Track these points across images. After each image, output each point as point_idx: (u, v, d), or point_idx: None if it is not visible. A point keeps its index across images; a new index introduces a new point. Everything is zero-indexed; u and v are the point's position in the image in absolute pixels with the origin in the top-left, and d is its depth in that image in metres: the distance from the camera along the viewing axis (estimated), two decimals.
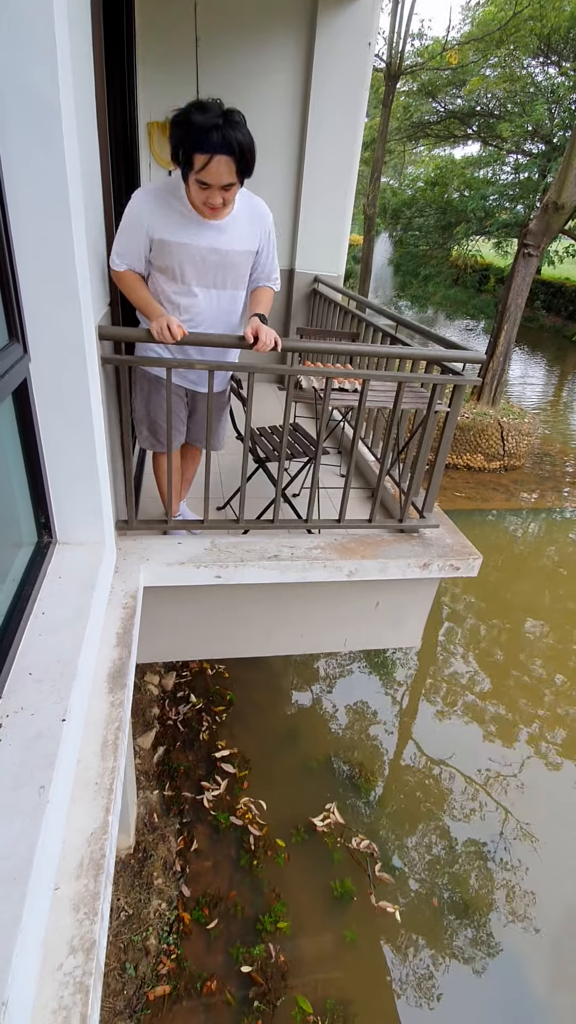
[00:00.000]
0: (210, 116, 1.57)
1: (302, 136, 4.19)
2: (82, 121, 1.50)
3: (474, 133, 15.06)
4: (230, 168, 1.64)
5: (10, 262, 1.32)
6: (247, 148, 1.64)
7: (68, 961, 1.02)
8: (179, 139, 1.63)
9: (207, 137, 1.58)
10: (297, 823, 3.39)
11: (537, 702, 4.56)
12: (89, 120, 1.78)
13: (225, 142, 1.59)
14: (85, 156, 1.57)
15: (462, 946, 3.02)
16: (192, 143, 1.60)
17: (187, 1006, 2.60)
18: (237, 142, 1.60)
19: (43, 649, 1.33)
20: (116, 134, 2.89)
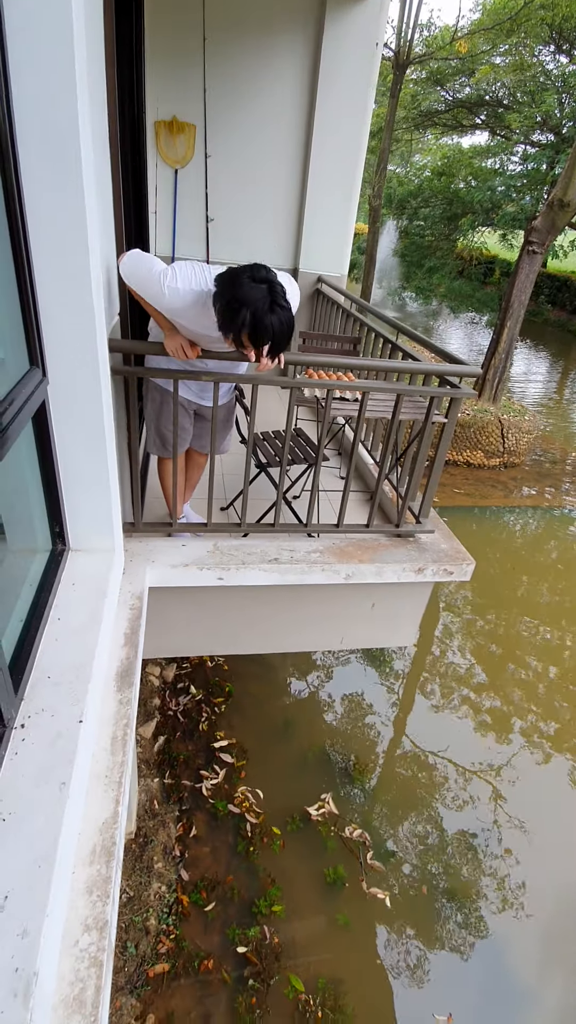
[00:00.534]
0: (261, 304, 1.57)
1: (307, 137, 4.21)
2: (96, 128, 1.55)
3: (482, 123, 14.90)
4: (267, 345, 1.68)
5: (31, 286, 1.39)
6: (287, 335, 1.67)
7: (83, 938, 1.12)
8: (225, 319, 1.63)
9: (257, 334, 1.61)
10: (293, 812, 3.53)
11: (531, 696, 4.68)
12: (101, 125, 1.84)
13: (269, 333, 1.62)
14: (99, 164, 1.64)
15: (451, 930, 3.16)
16: (237, 329, 1.62)
17: (185, 983, 2.74)
18: (281, 333, 1.64)
19: (60, 653, 1.42)
20: (124, 134, 2.94)
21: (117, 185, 2.18)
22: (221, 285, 1.65)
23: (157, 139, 4.13)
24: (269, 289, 1.60)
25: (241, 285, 1.59)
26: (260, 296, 1.58)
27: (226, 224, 4.42)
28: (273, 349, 1.68)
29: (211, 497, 2.32)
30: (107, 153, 1.94)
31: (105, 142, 1.92)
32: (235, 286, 1.60)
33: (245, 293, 1.58)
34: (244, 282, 1.59)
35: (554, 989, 2.99)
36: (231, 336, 1.65)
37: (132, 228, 3.13)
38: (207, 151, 4.22)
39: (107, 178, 1.95)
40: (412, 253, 16.23)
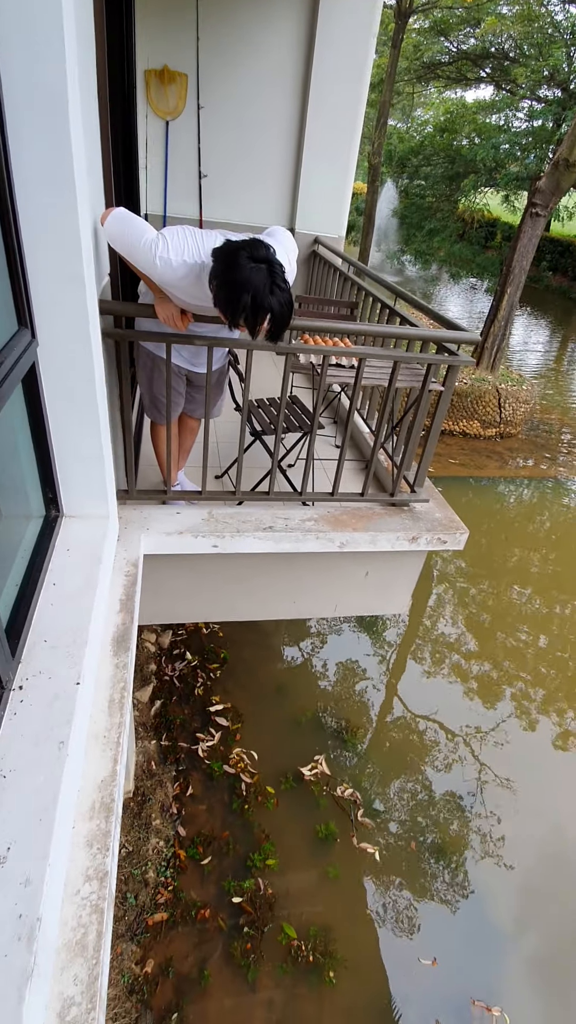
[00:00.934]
0: (261, 288, 1.51)
1: (305, 89, 4.03)
2: (83, 72, 1.48)
3: (487, 76, 14.28)
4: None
5: (17, 243, 1.34)
6: (287, 318, 1.60)
7: (85, 888, 1.17)
8: (223, 301, 1.56)
9: (256, 319, 1.54)
10: (286, 772, 3.64)
11: (520, 662, 4.79)
12: (89, 73, 1.75)
13: (268, 317, 1.56)
14: (87, 116, 1.56)
15: (436, 882, 3.31)
16: (234, 312, 1.55)
17: (183, 931, 2.88)
18: (281, 315, 1.57)
19: (56, 617, 1.44)
20: (113, 84, 2.80)
21: (106, 138, 2.09)
22: (219, 264, 1.56)
23: (147, 89, 3.94)
24: (269, 270, 1.53)
25: (240, 267, 1.51)
26: (260, 279, 1.51)
27: (220, 181, 4.26)
28: (272, 333, 1.62)
29: (206, 465, 2.30)
30: (95, 104, 1.85)
31: (93, 92, 1.82)
32: (234, 267, 1.52)
33: (245, 276, 1.50)
34: (243, 263, 1.52)
35: (531, 932, 3.15)
36: (228, 317, 1.59)
37: (122, 184, 3.01)
38: (199, 102, 4.03)
39: (95, 130, 1.86)
40: (412, 215, 15.75)
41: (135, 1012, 2.60)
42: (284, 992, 2.74)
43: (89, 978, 1.05)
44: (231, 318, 1.56)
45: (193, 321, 1.90)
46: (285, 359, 2.23)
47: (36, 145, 1.26)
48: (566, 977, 3.00)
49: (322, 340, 2.53)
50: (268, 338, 1.64)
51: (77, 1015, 1.02)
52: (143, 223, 1.68)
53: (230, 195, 4.32)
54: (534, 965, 3.03)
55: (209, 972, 2.75)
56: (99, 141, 1.92)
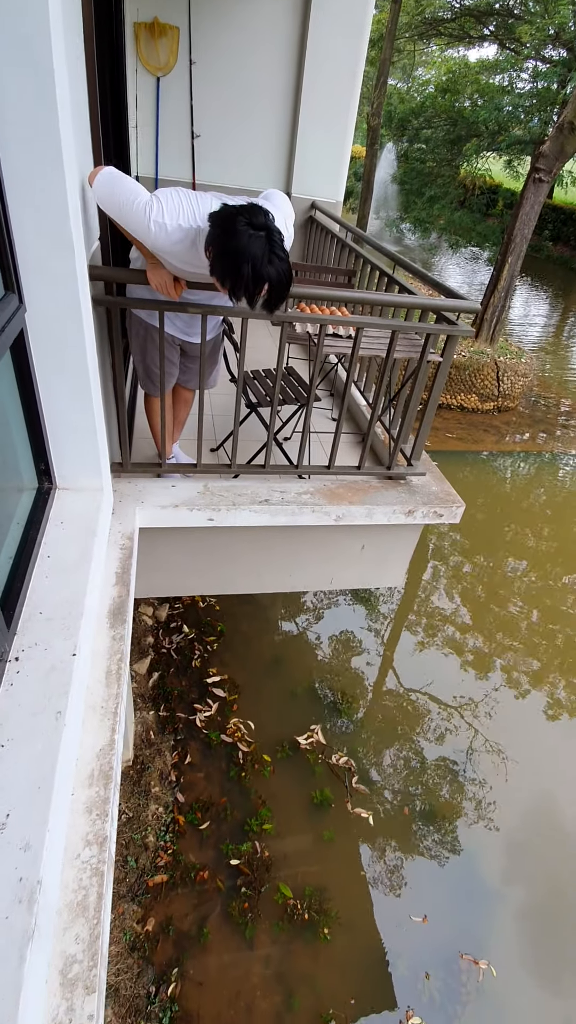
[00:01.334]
0: (260, 257, 1.45)
1: (302, 45, 3.85)
2: (68, 24, 1.40)
3: (491, 34, 13.70)
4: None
5: (3, 206, 1.29)
6: (285, 288, 1.54)
7: (85, 852, 1.19)
8: (221, 269, 1.50)
9: (254, 289, 1.49)
10: (283, 741, 3.71)
11: (513, 635, 4.86)
12: (74, 22, 1.65)
13: (265, 286, 1.50)
14: (73, 71, 1.48)
15: (428, 844, 3.42)
16: (233, 282, 1.49)
17: (182, 892, 2.97)
18: (279, 285, 1.52)
19: (51, 589, 1.43)
20: (100, 36, 2.67)
21: (93, 94, 1.99)
22: (216, 230, 1.50)
23: (137, 43, 3.76)
24: (268, 238, 1.48)
25: (239, 234, 1.46)
26: (259, 248, 1.46)
27: (213, 142, 4.11)
28: (268, 304, 1.57)
29: (201, 438, 2.27)
30: (81, 57, 1.76)
31: (79, 44, 1.73)
32: (232, 235, 1.46)
33: (244, 244, 1.45)
34: (242, 229, 1.46)
35: (517, 890, 3.28)
36: (226, 287, 1.53)
37: (111, 144, 2.89)
38: (191, 58, 3.85)
39: (82, 85, 1.78)
40: (412, 180, 15.30)
41: (137, 967, 2.70)
42: (280, 948, 2.84)
43: (90, 937, 1.08)
44: (230, 288, 1.52)
45: (187, 288, 1.84)
46: (281, 328, 2.18)
47: (18, 97, 1.20)
48: (548, 931, 3.12)
49: (319, 309, 2.47)
50: (264, 308, 1.59)
51: (79, 972, 1.05)
52: (135, 184, 1.61)
53: (224, 157, 4.17)
54: (519, 921, 3.16)
55: (208, 930, 2.85)
56: (86, 97, 1.83)
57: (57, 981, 1.03)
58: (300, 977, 2.77)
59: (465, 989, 2.86)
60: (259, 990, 2.71)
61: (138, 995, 2.62)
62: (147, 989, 2.65)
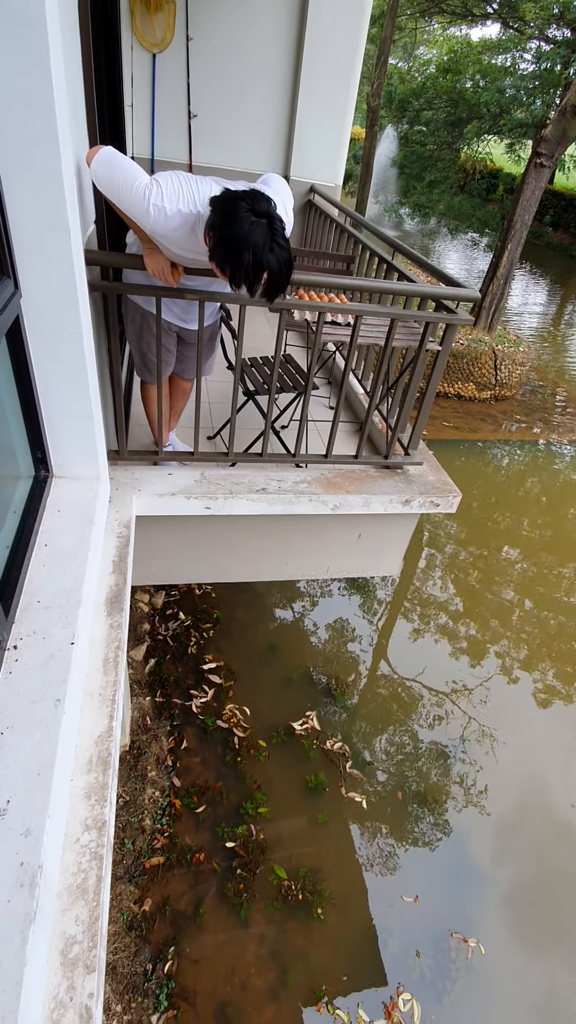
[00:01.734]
0: (262, 245, 1.43)
1: (302, 20, 3.76)
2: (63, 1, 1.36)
3: (494, 12, 13.41)
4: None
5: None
6: (286, 277, 1.52)
7: (84, 836, 1.21)
8: (221, 255, 1.48)
9: (255, 276, 1.47)
10: (278, 727, 3.75)
11: (506, 623, 4.91)
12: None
13: (265, 274, 1.49)
14: (67, 46, 1.44)
15: (420, 827, 3.48)
16: (233, 269, 1.47)
17: (178, 873, 3.02)
18: (279, 274, 1.50)
19: (49, 578, 1.43)
20: (95, 9, 2.60)
21: (88, 69, 1.94)
22: (217, 215, 1.48)
23: (132, 17, 3.66)
24: (269, 225, 1.46)
25: (240, 220, 1.43)
26: (261, 235, 1.44)
27: (210, 122, 4.03)
28: (268, 292, 1.56)
29: (198, 426, 2.26)
30: (76, 31, 1.71)
31: (74, 18, 1.69)
32: (234, 221, 1.44)
33: (245, 231, 1.43)
34: (243, 215, 1.44)
35: (506, 871, 3.35)
36: (226, 273, 1.51)
37: (106, 122, 2.83)
38: (188, 34, 3.76)
39: (77, 62, 1.73)
40: (412, 164, 15.07)
41: (134, 946, 2.75)
42: (275, 928, 2.91)
43: (90, 919, 1.10)
44: (229, 275, 1.50)
45: (184, 275, 1.82)
46: (279, 316, 2.16)
47: (11, 72, 1.17)
48: (535, 910, 3.20)
49: (317, 296, 2.45)
50: (264, 296, 1.58)
51: (79, 952, 1.07)
52: (134, 166, 1.58)
53: (221, 137, 4.09)
54: (508, 900, 3.23)
55: (204, 910, 2.90)
56: (80, 73, 1.79)
57: (58, 961, 1.05)
58: (294, 955, 2.84)
59: (455, 966, 2.93)
60: (254, 967, 2.77)
61: (135, 973, 2.68)
62: (144, 967, 2.70)
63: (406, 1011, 2.76)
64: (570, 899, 3.26)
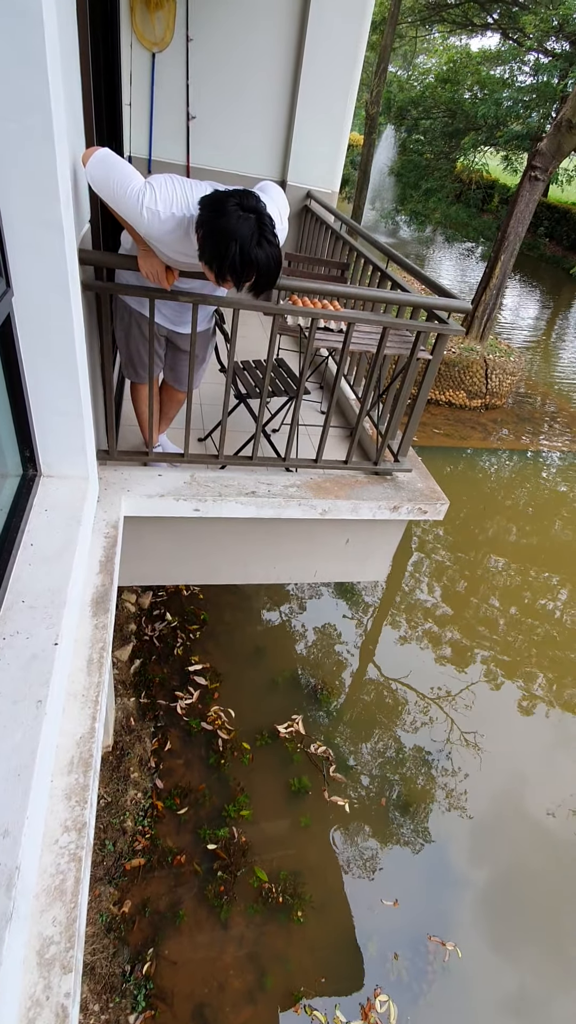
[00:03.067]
0: (248, 238, 1.44)
1: (302, 22, 3.78)
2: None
3: (494, 22, 13.57)
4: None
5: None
6: (274, 273, 1.53)
7: (63, 838, 1.21)
8: (208, 250, 1.49)
9: (242, 271, 1.48)
10: (262, 729, 3.75)
11: (492, 629, 4.95)
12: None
13: (254, 270, 1.50)
14: (65, 42, 1.44)
15: (401, 831, 3.50)
16: (220, 263, 1.48)
17: (159, 875, 3.01)
18: (267, 270, 1.51)
19: (34, 578, 1.43)
20: (94, 6, 2.59)
21: (86, 65, 1.94)
22: (205, 211, 1.48)
23: (132, 15, 3.66)
24: (258, 221, 1.46)
25: (228, 214, 1.44)
26: (248, 229, 1.44)
27: (208, 124, 4.03)
28: (256, 287, 1.56)
29: (188, 427, 2.26)
30: (74, 24, 1.71)
31: (72, 15, 1.69)
32: (222, 215, 1.45)
33: (232, 225, 1.43)
34: (231, 211, 1.44)
35: (484, 875, 3.38)
36: (213, 269, 1.52)
37: (104, 121, 2.83)
38: (189, 34, 3.77)
39: (74, 56, 1.73)
40: (409, 172, 15.20)
41: (113, 947, 2.74)
42: (254, 930, 2.91)
43: (67, 920, 1.10)
44: (217, 269, 1.50)
45: (178, 278, 1.83)
46: (272, 320, 2.17)
47: (6, 67, 1.16)
48: (513, 914, 3.23)
49: (311, 302, 2.46)
50: (252, 291, 1.59)
51: (56, 953, 1.07)
52: (130, 168, 1.58)
53: (219, 140, 4.10)
54: (485, 904, 3.26)
55: (184, 912, 2.90)
56: (78, 70, 1.79)
57: (35, 961, 1.05)
58: (273, 957, 2.84)
59: (432, 968, 2.95)
60: (232, 969, 2.77)
61: (113, 973, 2.67)
62: (123, 968, 2.69)
63: (383, 1012, 2.77)
64: (545, 903, 3.30)
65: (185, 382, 2.31)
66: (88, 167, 1.57)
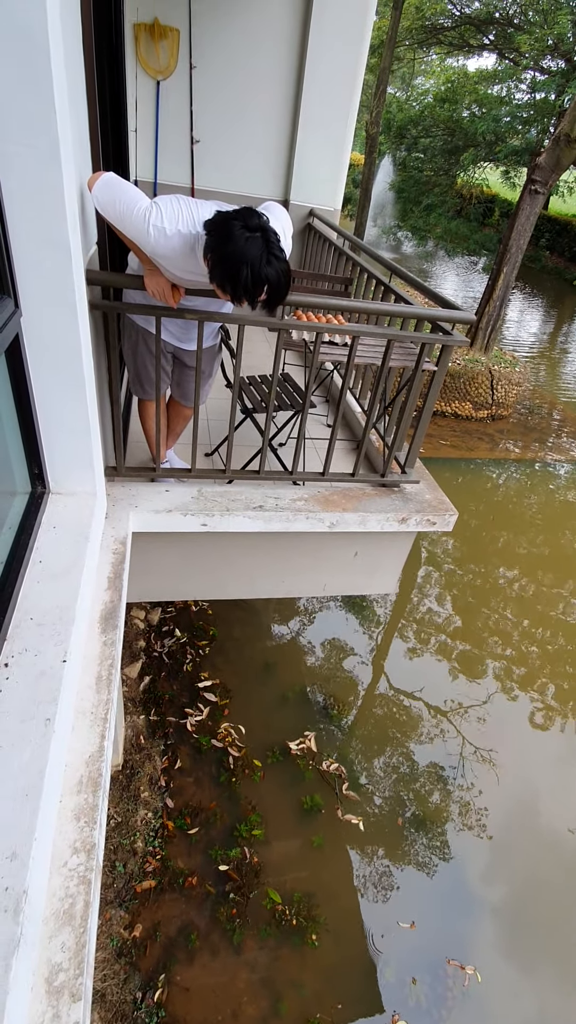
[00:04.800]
0: (258, 259, 1.46)
1: (302, 50, 3.88)
2: (67, 23, 1.39)
3: (490, 43, 13.84)
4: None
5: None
6: (285, 288, 1.55)
7: (72, 860, 1.19)
8: (220, 275, 1.51)
9: (254, 290, 1.50)
10: (273, 746, 3.70)
11: (505, 641, 4.88)
12: (73, 20, 1.65)
13: (264, 288, 1.51)
14: (71, 72, 1.48)
15: (417, 851, 3.42)
16: (234, 286, 1.50)
17: (170, 897, 2.95)
18: (278, 286, 1.53)
19: (42, 595, 1.42)
20: (100, 36, 2.67)
21: (92, 96, 1.99)
22: (212, 238, 1.51)
23: (137, 45, 3.77)
24: (264, 239, 1.49)
25: (235, 238, 1.46)
26: (256, 250, 1.47)
27: (212, 148, 4.12)
28: (269, 303, 1.58)
29: (195, 443, 2.27)
30: (80, 56, 1.76)
31: (77, 42, 1.73)
32: (228, 239, 1.47)
33: (241, 248, 1.46)
34: (237, 234, 1.46)
35: (504, 897, 3.29)
36: (227, 291, 1.54)
37: (110, 147, 2.90)
38: (192, 62, 3.87)
39: (81, 87, 1.78)
40: (409, 189, 15.43)
41: (123, 973, 2.68)
42: (268, 954, 2.84)
43: (76, 945, 1.08)
44: (231, 293, 1.52)
45: (184, 296, 1.85)
46: (277, 336, 2.19)
47: (15, 95, 1.19)
48: (534, 938, 3.13)
49: (315, 317, 2.48)
50: (265, 308, 1.60)
51: (65, 980, 1.04)
52: (135, 190, 1.62)
53: (223, 162, 4.18)
54: (506, 927, 3.16)
55: (195, 936, 2.83)
56: (85, 98, 1.83)
57: (43, 989, 1.02)
58: (287, 983, 2.76)
59: (451, 994, 2.86)
60: (246, 995, 2.70)
61: (124, 1001, 2.60)
62: (134, 995, 2.63)
63: None
64: (569, 925, 3.19)
65: (191, 398, 2.32)
66: (94, 191, 1.60)
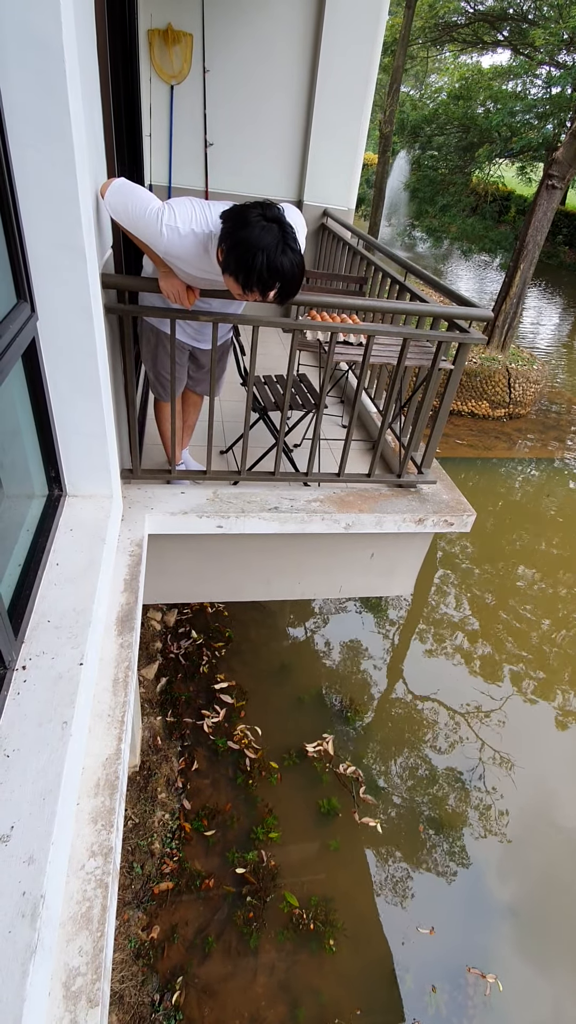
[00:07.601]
0: (273, 247, 1.46)
1: (315, 52, 3.87)
2: (81, 29, 1.40)
3: (504, 39, 13.69)
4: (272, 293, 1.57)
5: (14, 210, 1.30)
6: (298, 280, 1.55)
7: (89, 863, 1.19)
8: (234, 261, 1.50)
9: (268, 280, 1.50)
10: (290, 748, 3.68)
11: (523, 644, 4.80)
12: (87, 28, 1.66)
13: (278, 278, 1.51)
14: (86, 78, 1.49)
15: (436, 855, 3.37)
16: (247, 273, 1.50)
17: (187, 899, 2.95)
18: (292, 277, 1.52)
19: (59, 598, 1.43)
20: (114, 43, 2.69)
21: (107, 101, 2.00)
22: (229, 224, 1.51)
23: (151, 50, 3.79)
24: (280, 229, 1.48)
25: (251, 225, 1.46)
26: (273, 239, 1.46)
27: (226, 150, 4.13)
28: (281, 295, 1.58)
29: (210, 445, 2.27)
30: (95, 62, 1.77)
31: (92, 49, 1.75)
32: (245, 226, 1.47)
33: (257, 235, 1.45)
34: (254, 221, 1.47)
35: (526, 903, 3.22)
36: (239, 280, 1.53)
37: (125, 152, 2.92)
38: (205, 65, 3.88)
39: (95, 92, 1.79)
40: (424, 188, 15.30)
41: (141, 975, 2.68)
42: (285, 958, 2.82)
43: (94, 950, 1.07)
44: (243, 280, 1.51)
45: (199, 298, 1.85)
46: (292, 336, 2.18)
47: (31, 102, 1.20)
48: (556, 946, 3.06)
49: (330, 316, 2.47)
50: (276, 300, 1.59)
51: (82, 985, 1.04)
52: (147, 193, 1.62)
53: (236, 165, 4.19)
54: (527, 934, 3.10)
55: (213, 938, 2.83)
56: (99, 103, 1.84)
57: (60, 994, 1.02)
58: (305, 988, 2.74)
59: (472, 1003, 2.81)
60: (264, 1000, 2.68)
61: (142, 1003, 2.61)
62: (151, 997, 2.63)
63: None
64: None
65: (204, 386, 2.33)
66: (107, 197, 1.61)
